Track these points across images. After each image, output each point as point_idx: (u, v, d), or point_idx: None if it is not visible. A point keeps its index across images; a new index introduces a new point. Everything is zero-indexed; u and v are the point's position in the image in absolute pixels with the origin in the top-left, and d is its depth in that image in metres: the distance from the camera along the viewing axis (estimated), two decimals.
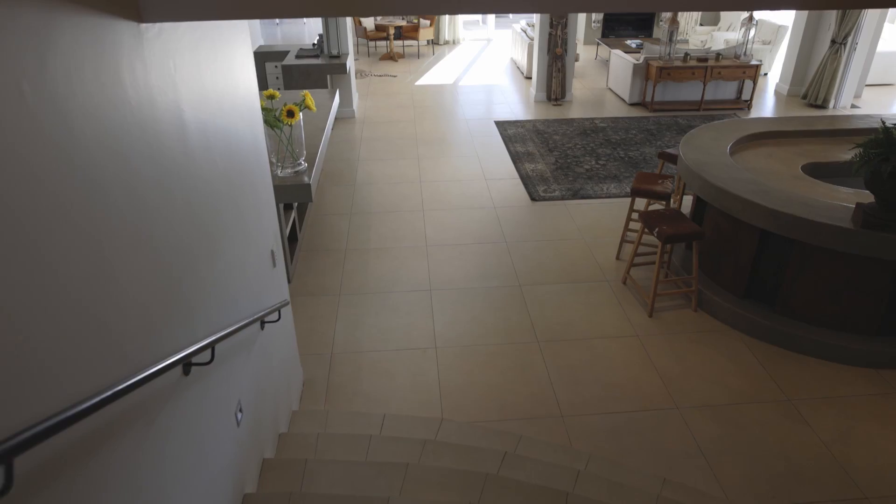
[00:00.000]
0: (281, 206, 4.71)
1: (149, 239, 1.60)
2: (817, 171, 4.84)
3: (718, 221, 4.55)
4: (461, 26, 13.16)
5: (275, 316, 2.95)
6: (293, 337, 3.63)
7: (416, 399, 3.73)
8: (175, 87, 1.85)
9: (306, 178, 4.53)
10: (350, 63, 8.31)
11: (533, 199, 6.32)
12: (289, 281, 4.89)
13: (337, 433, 2.97)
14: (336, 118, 8.59)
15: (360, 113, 8.87)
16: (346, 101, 8.58)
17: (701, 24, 12.86)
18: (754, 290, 4.46)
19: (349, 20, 8.50)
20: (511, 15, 16.30)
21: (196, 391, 1.94)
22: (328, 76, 7.98)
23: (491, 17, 13.89)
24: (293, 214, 5.21)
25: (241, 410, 2.39)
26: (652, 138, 7.90)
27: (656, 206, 6.04)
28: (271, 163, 4.65)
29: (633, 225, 5.72)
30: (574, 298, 4.73)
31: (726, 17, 12.00)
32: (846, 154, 4.97)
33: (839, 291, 4.03)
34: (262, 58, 8.37)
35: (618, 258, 5.27)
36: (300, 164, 4.65)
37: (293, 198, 4.54)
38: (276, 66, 8.26)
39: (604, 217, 5.96)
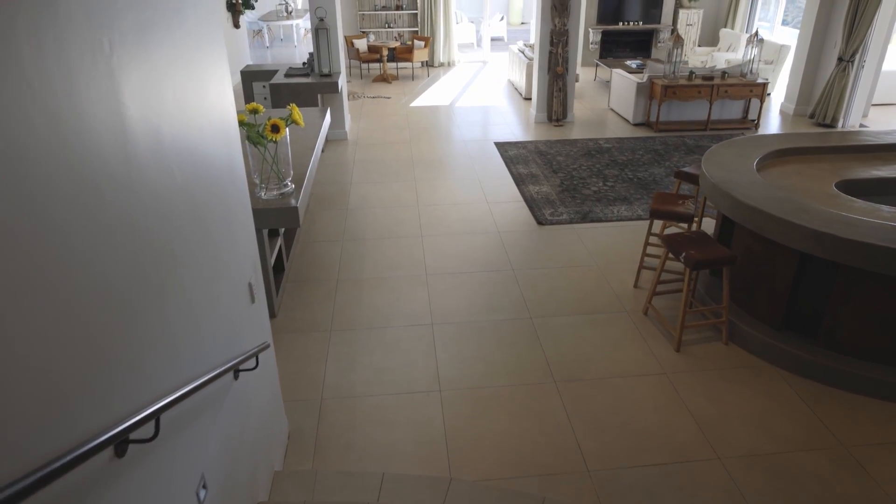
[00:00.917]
0: (265, 232, 4.25)
1: (57, 271, 1.13)
2: (852, 188, 4.43)
3: (750, 244, 4.11)
4: (456, 48, 12.88)
5: (251, 363, 2.47)
6: (276, 383, 3.14)
7: (418, 453, 3.23)
8: (111, 72, 1.40)
9: (293, 201, 4.09)
10: (342, 82, 7.94)
11: (539, 222, 5.88)
12: (273, 316, 4.41)
13: (327, 502, 2.47)
14: (327, 140, 8.18)
15: (352, 134, 8.48)
16: (338, 122, 8.18)
17: (699, 45, 12.64)
18: (792, 320, 4.02)
19: (341, 40, 8.15)
20: (506, 38, 16.09)
21: (138, 476, 1.45)
22: (319, 95, 7.59)
23: (486, 40, 13.63)
24: (279, 241, 4.74)
25: (204, 486, 1.90)
26: (660, 159, 7.52)
27: (673, 229, 5.61)
28: (254, 184, 4.20)
29: (651, 249, 5.29)
30: (591, 331, 4.27)
31: (725, 37, 11.77)
32: (881, 170, 4.57)
33: (892, 321, 3.59)
34: (250, 77, 7.98)
35: (636, 286, 4.82)
36: (287, 186, 4.21)
37: (279, 223, 4.09)
38: (263, 86, 7.87)
39: (617, 241, 5.53)
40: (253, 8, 11.47)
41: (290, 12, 14.69)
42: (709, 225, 5.70)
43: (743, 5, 11.77)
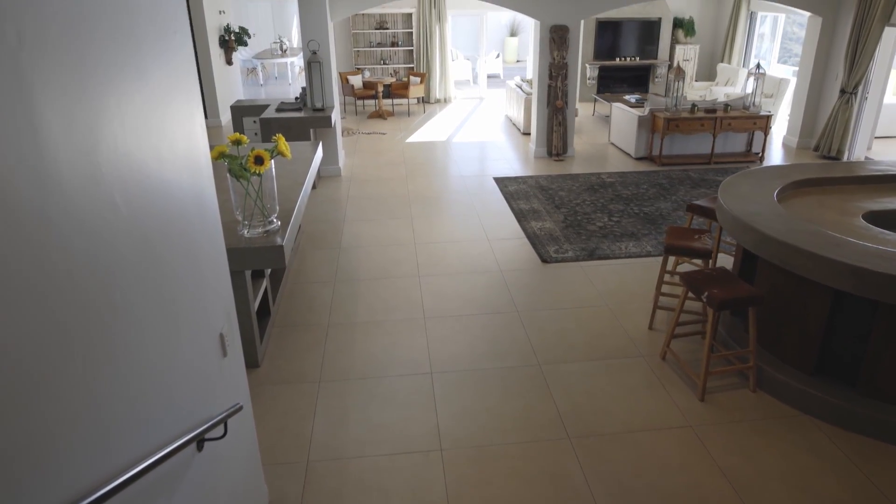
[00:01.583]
0: (248, 273, 3.90)
1: None
2: (881, 220, 4.12)
3: (776, 282, 3.78)
4: (452, 85, 12.75)
5: (219, 430, 2.09)
6: (253, 447, 2.75)
7: None
8: (16, 68, 1.07)
9: (279, 240, 3.75)
10: (336, 117, 7.70)
11: (544, 260, 5.55)
12: (257, 365, 4.03)
13: None
14: (320, 176, 7.90)
15: (346, 171, 8.20)
16: (331, 158, 7.91)
17: (696, 80, 12.54)
18: (827, 365, 3.66)
19: (335, 75, 7.94)
20: (502, 75, 16.03)
21: None
22: (311, 130, 7.34)
23: (483, 77, 13.53)
24: (264, 283, 4.39)
25: None
26: (665, 193, 7.24)
27: (686, 266, 5.29)
28: (237, 221, 3.87)
29: (666, 288, 4.96)
30: (606, 379, 3.89)
31: (723, 72, 11.67)
32: None
33: None
34: (240, 112, 7.74)
35: (651, 328, 4.46)
36: (272, 223, 3.88)
37: (262, 263, 3.74)
38: (254, 121, 7.62)
39: (627, 279, 5.19)
40: (246, 44, 11.34)
41: (285, 50, 14.61)
42: (724, 261, 5.38)
43: (739, 41, 11.70)
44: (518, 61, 17.64)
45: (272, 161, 3.79)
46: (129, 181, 1.54)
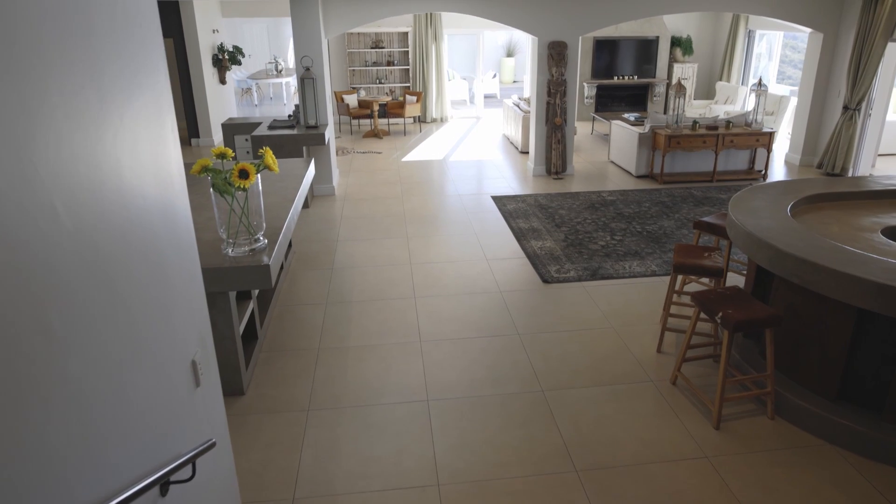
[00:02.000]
0: (232, 295, 3.66)
1: None
2: None
3: (794, 301, 3.56)
4: (449, 104, 12.63)
5: (186, 471, 1.85)
6: (231, 486, 2.49)
7: None
8: None
9: (265, 259, 3.52)
10: (329, 134, 7.52)
11: (545, 280, 5.33)
12: (242, 393, 3.78)
13: None
14: (314, 195, 7.70)
15: (340, 190, 8.00)
16: (325, 176, 7.72)
17: (695, 99, 12.45)
18: (850, 390, 3.43)
19: (329, 92, 7.79)
20: (499, 95, 15.95)
21: None
22: (304, 148, 7.15)
23: (479, 97, 13.42)
24: (251, 305, 4.15)
25: None
26: (668, 211, 7.05)
27: (694, 285, 5.08)
28: (221, 239, 3.65)
29: (674, 309, 4.74)
30: (614, 407, 3.65)
31: (722, 90, 11.58)
32: None
33: None
34: (232, 130, 7.56)
35: (659, 351, 4.23)
36: (258, 241, 3.66)
37: (248, 283, 3.51)
38: (245, 139, 7.44)
39: (633, 300, 4.96)
40: (240, 63, 11.22)
41: (281, 70, 14.52)
42: (733, 280, 5.16)
43: (738, 59, 11.63)
44: (515, 82, 17.60)
45: (258, 175, 3.59)
46: (75, 186, 1.33)
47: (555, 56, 7.90)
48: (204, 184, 5.00)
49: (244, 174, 3.41)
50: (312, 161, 5.62)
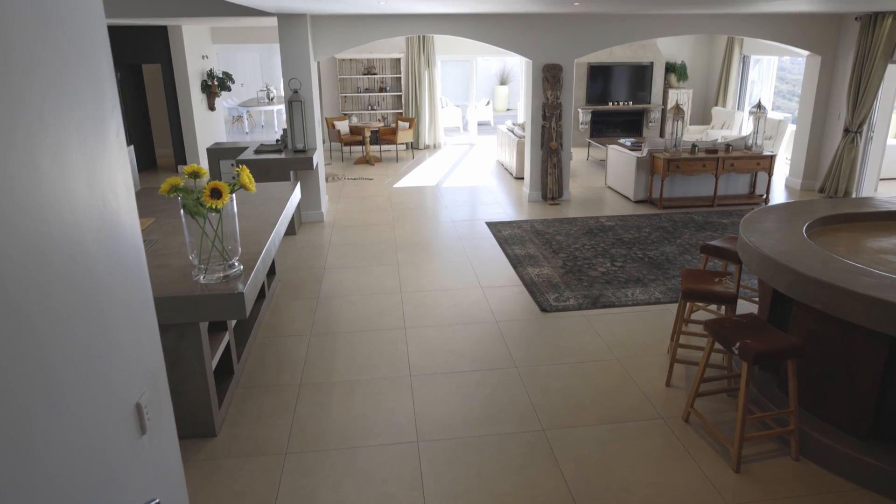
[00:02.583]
0: (204, 326, 3.35)
1: None
2: None
3: (817, 330, 3.27)
4: (442, 131, 12.46)
5: None
6: None
7: None
8: None
9: (240, 286, 3.22)
10: (318, 158, 7.27)
11: (543, 309, 5.03)
12: (214, 434, 3.44)
13: None
14: (301, 222, 7.42)
15: (330, 216, 7.73)
16: (313, 202, 7.45)
17: (691, 124, 12.33)
18: (883, 427, 3.12)
19: (318, 116, 7.57)
20: (492, 122, 15.84)
21: None
22: (291, 173, 6.89)
23: (473, 124, 13.27)
24: (226, 337, 3.83)
25: None
26: (669, 236, 6.80)
27: (701, 313, 4.79)
28: (192, 265, 3.35)
29: (683, 338, 4.44)
30: (623, 447, 3.32)
31: (718, 115, 11.46)
32: None
33: None
34: (217, 155, 7.31)
35: (668, 384, 3.92)
36: (233, 267, 3.36)
37: (220, 313, 3.20)
38: (232, 164, 7.18)
39: (637, 330, 4.66)
40: (229, 90, 11.04)
41: (272, 98, 14.37)
42: (742, 307, 4.88)
43: (733, 84, 11.54)
44: (508, 109, 17.52)
45: (233, 196, 3.31)
46: None
47: (550, 79, 7.73)
48: (178, 207, 4.72)
49: (216, 193, 3.12)
50: (298, 184, 5.35)
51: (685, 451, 3.30)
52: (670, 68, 12.12)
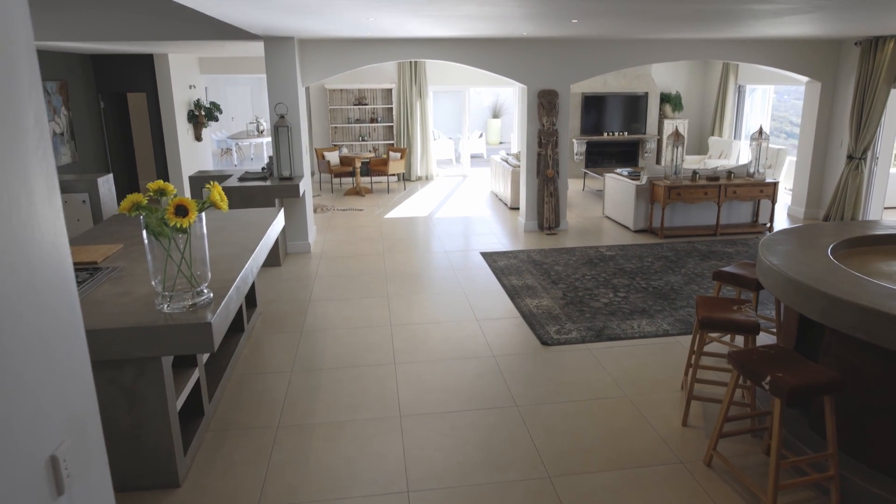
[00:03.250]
0: (167, 361, 2.97)
1: None
2: None
3: (855, 362, 2.93)
4: (434, 163, 12.23)
5: None
6: None
7: None
8: None
9: (209, 315, 2.86)
10: (305, 186, 6.97)
11: (544, 342, 4.67)
12: (177, 484, 3.03)
13: None
14: (287, 253, 7.08)
15: (317, 247, 7.39)
16: (299, 233, 7.12)
17: (687, 154, 12.16)
18: None
19: (305, 144, 7.29)
20: (485, 155, 15.67)
21: None
22: (277, 201, 6.57)
23: (466, 156, 13.06)
24: (195, 374, 3.44)
25: None
26: (673, 266, 6.49)
27: (714, 344, 4.45)
28: (156, 292, 3.00)
29: (702, 373, 4.08)
30: (639, 497, 2.94)
31: (715, 145, 11.29)
32: None
33: None
34: (199, 182, 7.00)
35: (685, 424, 3.55)
36: (202, 295, 3.00)
37: (185, 346, 2.83)
38: (206, 187, 6.85)
39: (646, 363, 4.31)
40: (217, 120, 10.80)
41: (262, 131, 14.16)
42: (758, 339, 4.53)
43: (729, 114, 11.41)
44: (501, 143, 17.40)
45: (201, 215, 2.98)
46: None
47: (545, 105, 7.51)
48: (138, 225, 4.37)
49: (182, 211, 2.79)
50: (282, 210, 5.02)
51: (710, 501, 2.91)
52: (665, 98, 12.00)
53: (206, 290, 3.04)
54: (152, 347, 2.81)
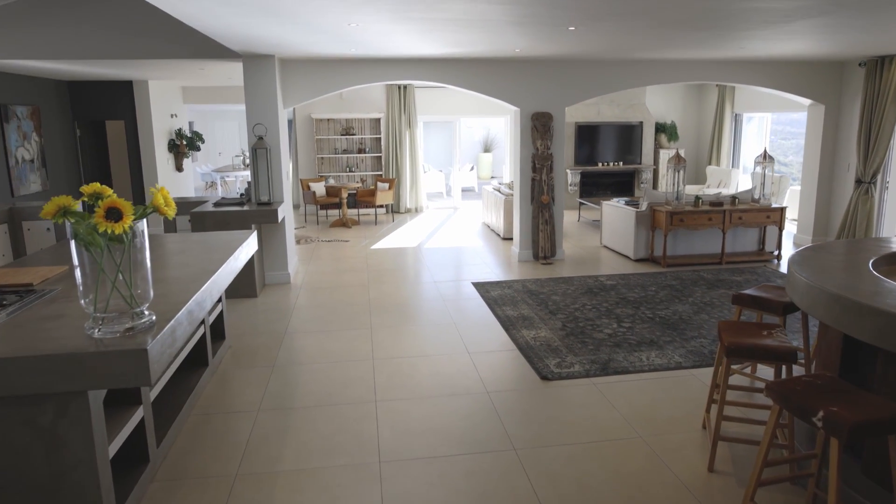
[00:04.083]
0: (94, 396, 2.47)
1: None
2: None
3: None
4: (424, 196, 11.86)
5: None
6: None
7: None
8: None
9: (149, 341, 2.37)
10: (286, 212, 6.53)
11: (544, 377, 4.19)
12: None
13: None
14: (264, 284, 6.59)
15: (298, 278, 6.91)
16: (278, 263, 6.65)
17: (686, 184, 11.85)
18: None
19: (285, 167, 6.89)
20: (477, 188, 15.36)
21: None
22: (254, 227, 6.12)
23: (457, 189, 12.70)
24: (138, 414, 2.93)
25: None
26: (679, 295, 6.04)
27: (735, 376, 3.98)
28: (86, 313, 2.52)
29: (728, 409, 3.60)
30: None
31: (713, 174, 11.00)
32: None
33: None
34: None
35: (712, 469, 3.05)
36: (141, 317, 2.52)
37: (115, 378, 2.33)
38: (188, 220, 6.41)
39: (660, 400, 3.82)
40: (199, 149, 10.42)
41: (248, 164, 13.79)
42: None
43: (726, 142, 11.15)
44: (493, 177, 17.11)
45: (143, 221, 2.52)
46: None
47: (539, 128, 7.17)
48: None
49: (114, 214, 2.33)
50: (255, 233, 4.57)
51: None
52: (660, 128, 11.76)
53: (146, 312, 2.56)
54: (75, 380, 2.31)
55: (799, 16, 4.33)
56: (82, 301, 2.47)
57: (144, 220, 2.53)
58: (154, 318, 2.58)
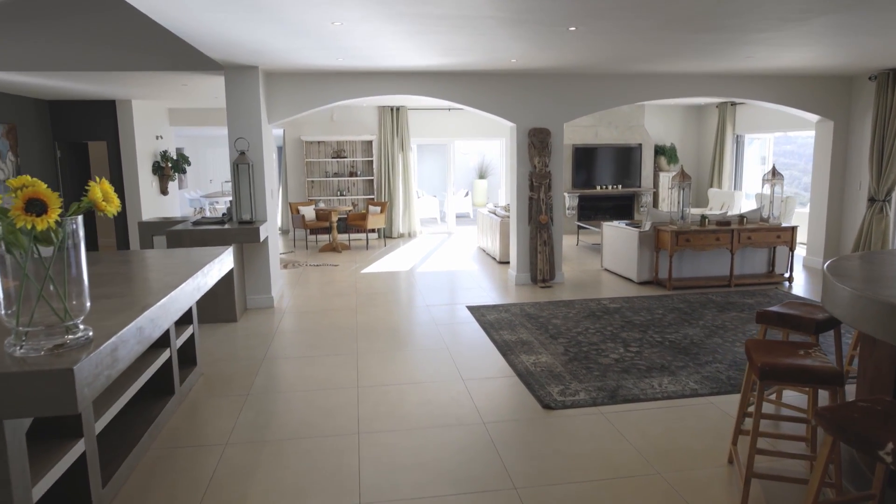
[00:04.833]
0: (14, 427, 2.06)
1: None
2: None
3: None
4: (417, 221, 11.52)
5: None
6: None
7: None
8: None
9: (80, 359, 1.97)
10: (270, 232, 6.16)
11: (546, 405, 3.77)
12: None
13: None
14: (246, 308, 6.18)
15: (282, 302, 6.50)
16: (261, 286, 6.25)
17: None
18: None
19: (269, 184, 6.54)
20: (471, 214, 15.04)
21: None
22: (235, 247, 5.73)
23: (451, 215, 12.37)
24: (78, 448, 2.50)
25: None
26: (688, 318, 5.66)
27: (753, 404, 3.58)
28: (6, 327, 2.13)
29: (762, 441, 3.18)
30: None
31: (716, 196, 10.71)
32: None
33: None
34: (149, 230, 6.20)
35: None
36: (76, 331, 2.12)
37: (34, 405, 1.93)
38: (164, 239, 6.03)
39: (677, 430, 3.41)
40: (184, 172, 10.08)
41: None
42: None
43: (728, 164, 10.89)
44: (487, 204, 16.81)
45: (77, 218, 2.14)
46: None
47: (537, 144, 6.86)
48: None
49: (36, 206, 1.96)
50: (230, 248, 4.18)
51: None
52: (659, 150, 11.51)
53: (80, 327, 2.16)
54: None
55: (819, 11, 4.04)
56: (4, 312, 2.08)
57: (79, 217, 2.16)
58: (91, 333, 2.18)
